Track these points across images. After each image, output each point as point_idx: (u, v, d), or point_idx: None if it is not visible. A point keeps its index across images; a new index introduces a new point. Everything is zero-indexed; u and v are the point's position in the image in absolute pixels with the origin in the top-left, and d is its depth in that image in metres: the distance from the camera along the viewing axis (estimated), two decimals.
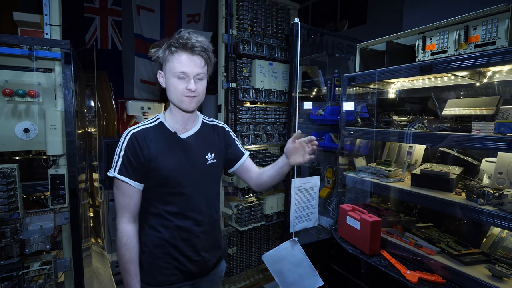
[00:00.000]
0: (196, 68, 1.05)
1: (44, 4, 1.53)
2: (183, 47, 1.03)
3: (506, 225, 1.19)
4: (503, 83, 1.57)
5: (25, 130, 1.49)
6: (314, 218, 1.93)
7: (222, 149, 1.26)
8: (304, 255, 1.66)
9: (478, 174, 1.65)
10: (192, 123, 1.20)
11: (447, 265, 1.37)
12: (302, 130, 2.62)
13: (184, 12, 4.92)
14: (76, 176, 1.56)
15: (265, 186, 1.31)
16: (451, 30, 1.47)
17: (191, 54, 1.04)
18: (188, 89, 1.05)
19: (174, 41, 1.04)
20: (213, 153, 1.20)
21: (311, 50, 2.71)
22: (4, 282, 1.42)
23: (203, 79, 1.10)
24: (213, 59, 1.12)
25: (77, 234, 1.59)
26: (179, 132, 1.15)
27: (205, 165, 1.17)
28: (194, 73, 1.05)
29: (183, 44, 1.03)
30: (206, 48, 1.07)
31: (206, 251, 1.19)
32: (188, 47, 1.03)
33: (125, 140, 1.08)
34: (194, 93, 1.07)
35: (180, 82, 1.06)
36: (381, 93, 2.22)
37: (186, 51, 1.03)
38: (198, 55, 1.06)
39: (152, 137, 1.10)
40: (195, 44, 1.03)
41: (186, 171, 1.11)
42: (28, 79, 1.50)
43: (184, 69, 1.04)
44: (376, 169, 1.88)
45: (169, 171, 1.08)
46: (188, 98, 1.07)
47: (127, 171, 1.06)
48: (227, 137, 1.30)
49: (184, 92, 1.06)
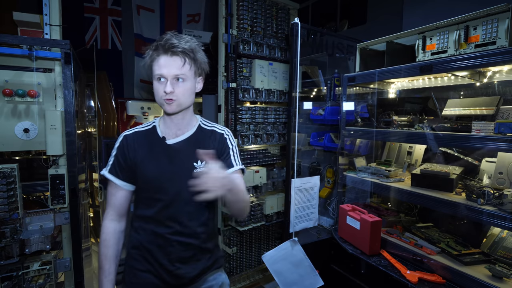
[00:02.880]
0: (174, 69, 1.01)
1: (44, 4, 1.53)
2: (162, 48, 1.01)
3: (506, 225, 1.19)
4: (503, 83, 1.57)
5: (25, 130, 1.49)
6: (314, 218, 1.93)
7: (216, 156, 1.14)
8: (304, 255, 1.66)
9: (478, 174, 1.65)
10: (185, 128, 1.15)
11: (447, 265, 1.37)
12: (302, 130, 2.62)
13: (184, 12, 4.92)
14: (76, 176, 1.56)
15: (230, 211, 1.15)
16: (451, 30, 1.47)
17: (169, 55, 1.01)
18: (164, 92, 1.01)
19: (155, 44, 1.02)
20: (203, 161, 1.10)
21: (311, 50, 2.71)
22: (4, 282, 1.42)
23: (185, 80, 1.04)
24: (200, 59, 1.07)
25: (77, 234, 1.59)
26: (169, 137, 1.13)
27: (192, 174, 1.08)
28: (172, 74, 1.01)
29: (161, 45, 1.00)
30: (187, 48, 1.02)
31: (183, 263, 1.11)
32: (166, 48, 1.00)
33: (117, 141, 1.12)
34: (171, 95, 1.02)
35: (160, 85, 1.03)
36: (381, 93, 2.22)
37: (164, 52, 1.01)
38: (176, 56, 1.01)
39: (141, 141, 1.11)
40: (174, 44, 0.99)
41: (167, 178, 1.08)
42: (28, 79, 1.50)
43: (161, 71, 1.01)
44: (376, 169, 1.88)
45: (150, 177, 1.08)
46: (166, 101, 1.03)
47: (116, 171, 1.11)
48: (222, 144, 1.19)
49: (162, 95, 1.02)
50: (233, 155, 1.19)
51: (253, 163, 2.51)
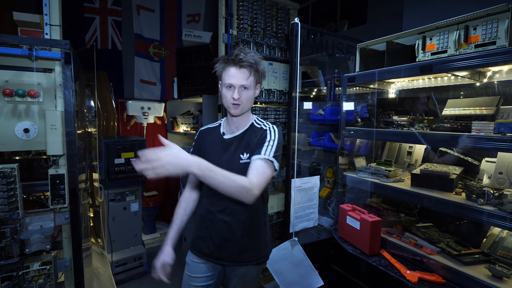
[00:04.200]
0: (241, 80, 1.23)
1: (44, 4, 1.53)
2: (232, 62, 1.23)
3: (506, 225, 1.19)
4: (503, 83, 1.57)
5: (25, 130, 1.49)
6: (314, 218, 1.93)
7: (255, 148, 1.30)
8: (304, 255, 1.66)
9: (478, 174, 1.65)
10: (241, 126, 1.36)
11: (447, 265, 1.38)
12: (302, 130, 2.62)
13: (184, 12, 4.92)
14: (76, 176, 1.56)
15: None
16: (451, 30, 1.47)
17: (238, 68, 1.23)
18: (232, 98, 1.24)
19: (226, 57, 1.25)
20: (248, 154, 1.30)
21: (311, 50, 2.71)
22: (4, 282, 1.42)
23: (249, 88, 1.26)
24: (261, 70, 1.28)
25: (77, 234, 1.59)
26: (228, 133, 1.37)
27: (238, 164, 1.29)
28: (239, 84, 1.23)
29: (232, 60, 1.23)
30: (252, 62, 1.23)
31: (225, 239, 1.32)
32: (236, 62, 1.22)
33: (196, 135, 1.46)
34: (237, 101, 1.25)
35: (228, 91, 1.26)
36: (381, 93, 2.22)
37: (234, 65, 1.23)
38: (244, 68, 1.23)
39: (209, 134, 1.41)
40: (242, 59, 1.21)
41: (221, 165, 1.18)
42: (28, 79, 1.50)
43: (230, 81, 1.24)
44: (376, 169, 1.88)
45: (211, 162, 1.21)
46: (233, 105, 1.26)
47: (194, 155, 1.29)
48: (262, 137, 1.32)
49: (230, 100, 1.25)
50: (267, 146, 1.27)
51: None
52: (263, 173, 1.19)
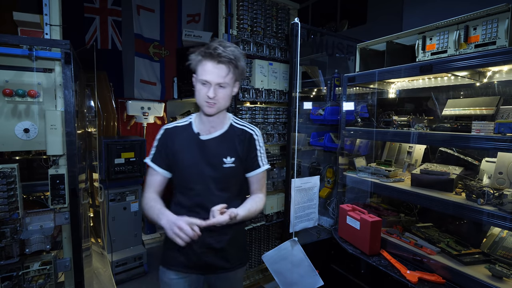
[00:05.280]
0: (218, 78, 1.11)
1: (44, 4, 1.53)
2: (210, 56, 1.10)
3: (506, 225, 1.19)
4: (503, 83, 1.57)
5: (25, 130, 1.49)
6: (314, 218, 1.93)
7: (243, 155, 1.26)
8: (304, 255, 1.66)
9: (478, 174, 1.65)
10: (218, 126, 1.25)
11: (447, 265, 1.37)
12: (302, 130, 2.62)
13: (184, 12, 4.92)
14: (76, 176, 1.55)
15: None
16: (451, 30, 1.47)
17: (216, 63, 1.10)
18: (207, 96, 1.13)
19: (203, 50, 1.12)
20: (232, 158, 1.22)
21: (311, 50, 2.71)
22: (4, 282, 1.42)
23: (226, 87, 1.14)
24: (241, 66, 1.16)
25: (77, 234, 1.59)
26: (203, 133, 1.24)
27: (221, 168, 1.21)
28: (215, 81, 1.11)
29: (209, 53, 1.10)
30: (232, 58, 1.11)
31: (208, 247, 1.23)
32: (214, 56, 1.09)
33: (159, 134, 1.27)
34: (213, 100, 1.13)
35: (203, 88, 1.14)
36: (381, 93, 2.22)
37: (212, 60, 1.10)
38: (223, 64, 1.11)
39: (179, 134, 1.25)
40: (221, 54, 1.09)
41: (198, 170, 1.20)
42: (28, 79, 1.50)
43: (206, 77, 1.11)
44: (376, 169, 1.88)
45: (184, 167, 1.21)
46: (208, 104, 1.15)
47: (156, 159, 1.25)
48: (250, 145, 1.27)
49: (204, 98, 1.14)
50: (260, 156, 1.29)
51: None
52: (265, 180, 1.30)
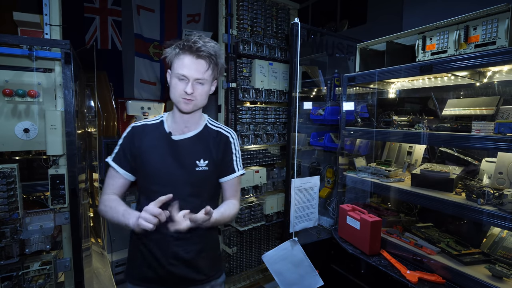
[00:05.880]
0: (197, 73, 1.05)
1: (44, 4, 1.53)
2: (188, 49, 1.04)
3: (506, 225, 1.19)
4: (503, 83, 1.57)
5: (25, 130, 1.49)
6: (314, 218, 1.93)
7: (218, 158, 1.19)
8: (304, 255, 1.66)
9: (478, 174, 1.65)
10: (192, 126, 1.18)
11: (447, 265, 1.37)
12: (302, 130, 2.62)
13: (184, 12, 4.92)
14: (76, 176, 1.55)
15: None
16: (451, 30, 1.47)
17: (195, 57, 1.04)
18: (184, 92, 1.06)
19: (181, 43, 1.06)
20: (206, 161, 1.14)
21: (311, 50, 2.71)
22: (4, 282, 1.42)
23: (204, 84, 1.08)
24: (220, 64, 1.11)
25: (77, 234, 1.59)
26: (176, 132, 1.16)
27: (193, 171, 1.12)
28: (194, 77, 1.05)
29: (188, 46, 1.04)
30: (213, 54, 1.06)
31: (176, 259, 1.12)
32: (193, 50, 1.03)
33: (126, 131, 1.17)
34: (190, 96, 1.06)
35: (180, 83, 1.06)
36: (381, 93, 2.22)
37: (190, 54, 1.04)
38: (202, 59, 1.05)
39: (148, 133, 1.15)
40: (201, 48, 1.03)
41: (168, 172, 1.11)
42: (28, 79, 1.50)
43: (184, 72, 1.04)
44: (376, 169, 1.88)
45: (152, 168, 1.11)
46: (184, 100, 1.08)
47: (119, 159, 1.15)
48: (226, 147, 1.22)
49: (181, 94, 1.07)
50: (236, 160, 1.23)
51: (253, 163, 2.51)
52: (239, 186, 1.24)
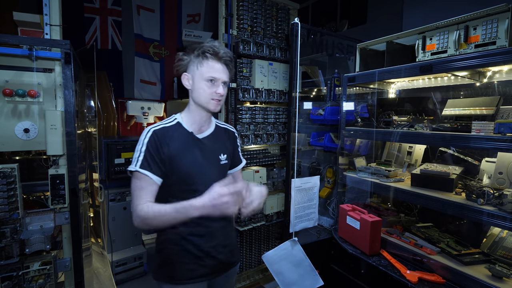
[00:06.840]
0: (224, 75, 1.18)
1: (44, 4, 1.53)
2: (216, 55, 1.15)
3: (506, 225, 1.19)
4: (503, 83, 1.57)
5: (25, 130, 1.49)
6: (314, 218, 1.93)
7: (231, 151, 1.35)
8: (304, 255, 1.66)
9: (478, 174, 1.65)
10: (207, 125, 1.28)
11: (447, 265, 1.37)
12: (302, 130, 2.62)
13: (184, 12, 4.92)
14: (76, 176, 1.55)
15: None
16: (451, 30, 1.47)
17: (222, 62, 1.17)
18: (217, 93, 1.16)
19: (208, 48, 1.14)
20: (225, 155, 1.29)
21: (311, 50, 2.71)
22: (4, 282, 1.42)
23: (226, 85, 1.22)
24: (232, 68, 1.24)
25: (77, 234, 1.59)
26: (195, 132, 1.23)
27: (219, 165, 1.26)
28: (222, 79, 1.17)
29: (216, 52, 1.15)
30: (232, 59, 1.20)
31: (224, 247, 1.25)
32: (220, 56, 1.15)
33: (146, 137, 1.12)
34: (222, 97, 1.19)
35: (210, 86, 1.16)
36: (381, 93, 2.22)
37: (217, 59, 1.16)
38: (225, 64, 1.18)
39: (171, 136, 1.16)
40: (224, 55, 1.16)
41: (201, 170, 1.19)
42: (28, 79, 1.50)
43: (215, 75, 1.15)
44: (376, 169, 1.88)
45: (187, 169, 1.16)
46: (215, 101, 1.18)
47: (149, 165, 1.10)
48: (234, 142, 1.40)
49: (212, 95, 1.16)
50: (239, 151, 1.43)
51: (253, 163, 2.51)
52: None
